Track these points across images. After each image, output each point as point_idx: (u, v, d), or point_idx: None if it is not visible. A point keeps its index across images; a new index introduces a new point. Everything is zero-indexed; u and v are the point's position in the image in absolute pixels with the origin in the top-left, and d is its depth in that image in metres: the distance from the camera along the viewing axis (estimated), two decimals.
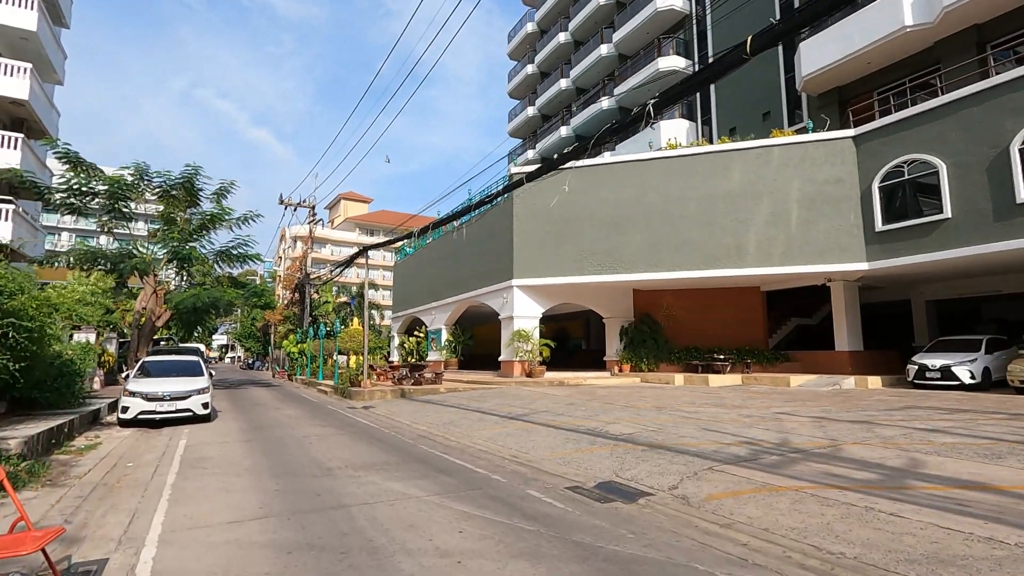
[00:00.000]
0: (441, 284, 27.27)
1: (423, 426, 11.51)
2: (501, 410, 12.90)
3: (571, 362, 27.76)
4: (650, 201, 19.17)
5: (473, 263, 23.92)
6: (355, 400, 17.48)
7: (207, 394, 12.28)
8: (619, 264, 19.37)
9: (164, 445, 9.45)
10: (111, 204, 19.95)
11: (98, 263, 19.48)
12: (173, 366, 13.45)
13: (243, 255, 22.70)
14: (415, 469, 7.29)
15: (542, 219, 20.38)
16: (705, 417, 10.60)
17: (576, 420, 10.77)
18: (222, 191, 22.43)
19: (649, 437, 8.68)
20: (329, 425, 11.88)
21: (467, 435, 10.09)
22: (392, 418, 13.07)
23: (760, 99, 24.04)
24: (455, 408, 13.84)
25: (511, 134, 41.49)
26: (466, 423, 11.40)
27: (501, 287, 21.17)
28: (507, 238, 20.95)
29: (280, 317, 39.61)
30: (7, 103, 24.85)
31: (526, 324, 20.37)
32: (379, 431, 10.97)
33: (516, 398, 15.08)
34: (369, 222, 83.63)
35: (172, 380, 12.39)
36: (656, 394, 15.40)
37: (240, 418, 13.25)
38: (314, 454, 8.38)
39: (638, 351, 21.54)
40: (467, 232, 24.58)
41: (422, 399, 16.55)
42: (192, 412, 11.91)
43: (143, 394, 11.55)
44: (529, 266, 20.37)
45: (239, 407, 16.11)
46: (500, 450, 8.63)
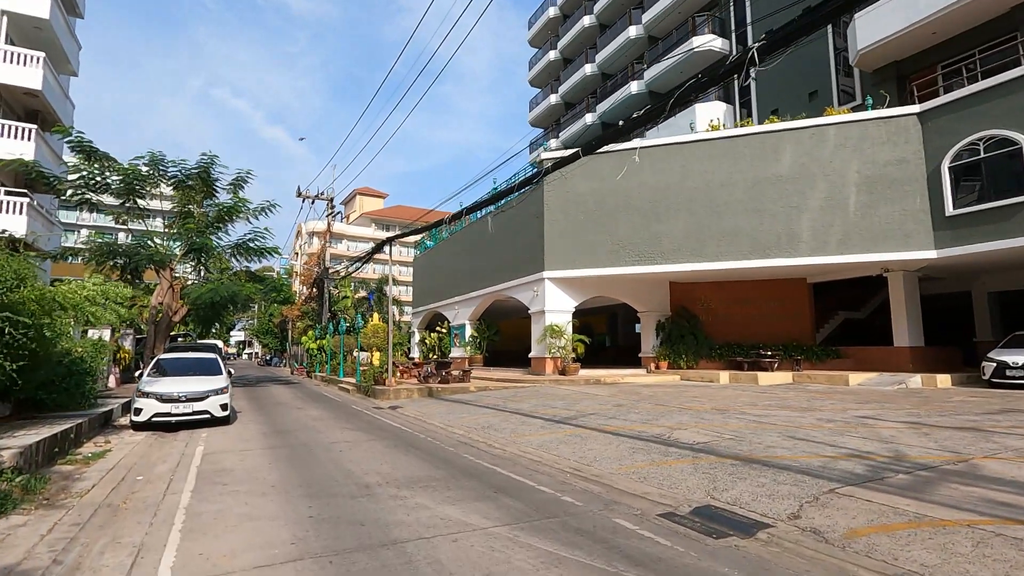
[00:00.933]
0: (464, 278, 26.22)
1: (459, 430, 10.46)
2: (542, 412, 11.80)
3: (598, 359, 26.58)
4: (692, 187, 17.89)
5: (500, 255, 22.83)
6: (380, 399, 16.52)
7: (226, 394, 11.35)
8: (658, 254, 18.14)
9: (179, 453, 8.50)
10: (126, 196, 19.17)
11: (114, 257, 18.70)
12: (189, 364, 12.55)
13: (260, 248, 21.83)
14: (468, 487, 6.21)
15: (575, 207, 19.20)
16: (779, 422, 9.40)
17: (634, 425, 9.63)
18: (239, 182, 21.57)
19: (730, 447, 7.51)
20: (357, 429, 10.87)
21: (512, 441, 9.02)
22: (423, 420, 12.05)
23: (806, 78, 22.55)
24: (491, 409, 12.78)
25: (532, 123, 40.28)
26: (507, 427, 10.32)
27: (531, 280, 20.05)
28: (537, 228, 19.81)
29: (298, 313, 38.91)
30: (20, 94, 24.26)
31: (558, 319, 19.24)
32: (413, 436, 9.93)
33: (555, 398, 13.97)
34: (385, 217, 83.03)
35: (188, 379, 11.48)
36: (706, 394, 14.19)
37: (261, 420, 12.31)
38: (348, 465, 7.35)
39: (676, 347, 20.30)
40: (493, 223, 23.46)
41: (451, 399, 15.52)
42: (210, 414, 10.98)
43: (157, 395, 10.64)
44: (561, 257, 19.21)
45: (259, 407, 15.21)
46: (557, 461, 7.53)
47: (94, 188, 18.57)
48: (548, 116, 38.44)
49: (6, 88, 23.59)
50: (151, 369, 11.94)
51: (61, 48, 26.97)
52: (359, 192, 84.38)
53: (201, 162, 19.80)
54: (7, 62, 23.09)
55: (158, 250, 19.06)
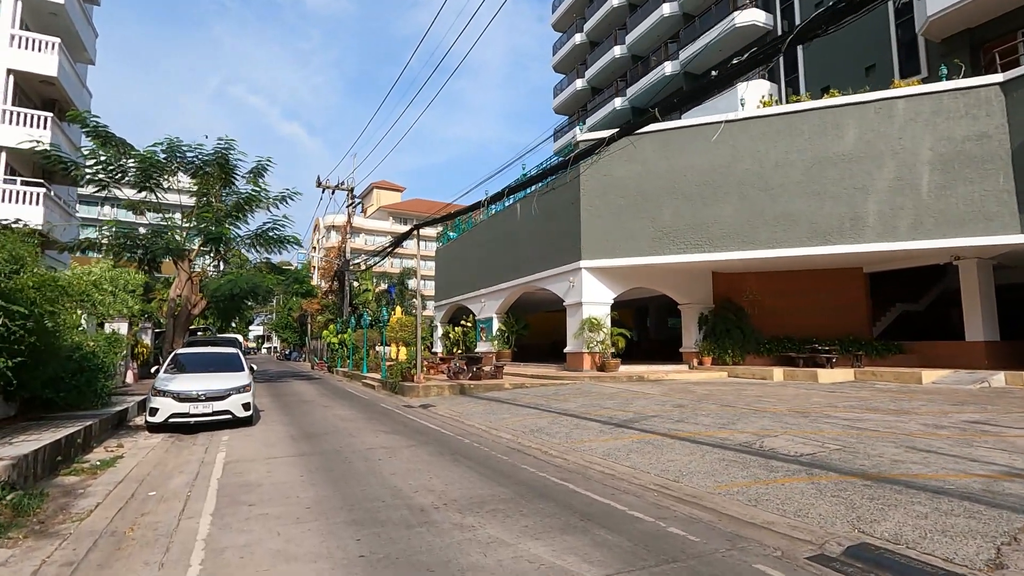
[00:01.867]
0: (491, 269, 25.10)
1: (506, 433, 9.36)
2: (595, 413, 10.65)
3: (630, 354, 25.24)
4: (744, 168, 16.53)
5: (531, 245, 21.65)
6: (409, 397, 15.50)
7: (248, 393, 10.38)
8: (705, 242, 16.82)
9: (198, 460, 7.51)
10: (143, 184, 18.35)
11: (132, 248, 17.91)
12: (209, 359, 11.61)
13: (280, 237, 20.93)
14: (545, 512, 5.09)
15: (615, 192, 17.95)
16: (880, 427, 8.13)
17: (709, 430, 8.44)
18: (258, 169, 20.66)
19: (845, 460, 6.29)
20: (393, 431, 9.82)
21: (572, 449, 7.89)
22: (461, 421, 10.97)
23: (862, 51, 20.94)
24: (534, 409, 11.66)
25: (557, 110, 38.94)
26: (560, 431, 9.19)
27: (566, 270, 18.86)
28: (573, 215, 18.60)
29: (318, 307, 38.18)
30: (37, 82, 23.64)
31: (596, 311, 18.04)
32: (456, 441, 8.84)
33: (602, 397, 12.81)
34: (402, 211, 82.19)
35: (208, 376, 10.53)
36: (768, 393, 12.91)
37: (286, 420, 11.33)
38: (392, 479, 6.27)
39: (721, 341, 18.99)
40: (523, 211, 22.29)
41: (486, 397, 14.44)
42: (231, 414, 10.02)
43: (174, 393, 9.70)
44: (599, 246, 17.99)
45: (283, 405, 14.28)
46: (635, 474, 6.38)
47: (111, 175, 17.76)
48: (574, 102, 37.07)
49: (21, 75, 22.98)
50: (168, 365, 11.01)
51: (77, 35, 26.31)
52: (376, 186, 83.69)
53: (218, 148, 18.90)
54: (22, 48, 22.45)
55: (174, 238, 18.22)
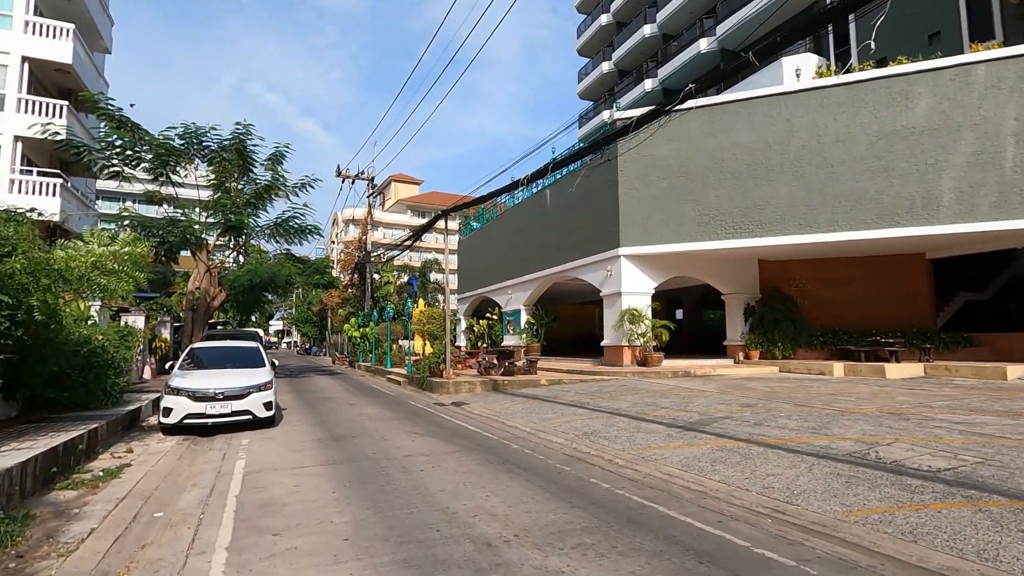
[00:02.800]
0: (519, 259, 23.99)
1: (557, 437, 8.28)
2: (652, 413, 9.51)
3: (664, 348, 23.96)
4: (800, 144, 15.14)
5: (562, 232, 20.48)
6: (438, 394, 14.51)
7: (270, 391, 9.44)
8: (756, 225, 15.49)
9: (214, 469, 6.55)
10: (160, 171, 17.57)
11: (148, 232, 17.15)
12: (228, 354, 10.71)
13: (300, 227, 20.06)
14: (646, 548, 3.99)
15: (656, 173, 16.68)
16: (1009, 433, 6.87)
17: (800, 435, 7.26)
18: (277, 156, 19.77)
19: (1001, 479, 5.09)
20: (429, 434, 8.79)
21: (641, 457, 6.78)
22: (502, 422, 9.92)
23: (926, 17, 19.30)
24: (581, 409, 10.57)
25: (582, 95, 37.58)
26: (619, 434, 8.08)
27: (603, 258, 17.66)
28: (610, 199, 17.38)
29: (338, 300, 37.49)
30: (52, 70, 23.07)
31: (636, 302, 16.83)
32: (503, 446, 7.78)
33: (653, 394, 11.66)
34: (420, 203, 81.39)
35: (226, 373, 9.62)
36: (840, 390, 11.62)
37: (311, 420, 10.39)
38: (442, 498, 5.23)
39: (770, 334, 17.66)
40: (553, 197, 21.13)
41: (523, 394, 13.38)
42: (252, 415, 9.09)
43: (190, 392, 8.79)
44: (639, 232, 16.76)
45: (306, 402, 13.39)
46: (733, 493, 5.25)
47: (126, 160, 17.00)
48: (599, 86, 35.67)
49: (36, 63, 22.39)
50: (183, 360, 10.13)
51: (92, 22, 25.71)
52: (394, 179, 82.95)
53: (236, 132, 18.03)
54: (36, 34, 21.87)
55: (192, 227, 17.41)
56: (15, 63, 21.67)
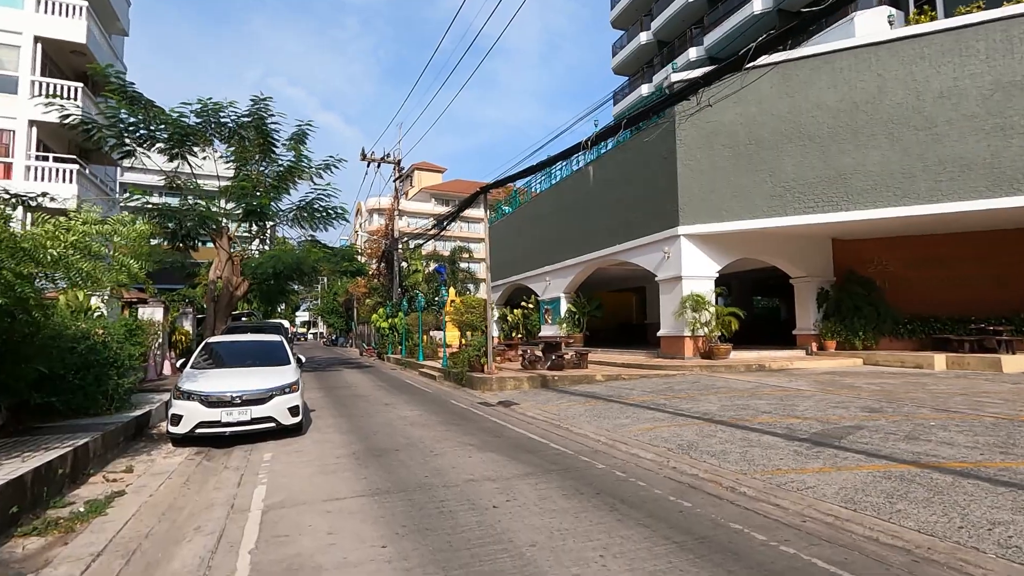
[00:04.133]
0: (558, 243, 22.29)
1: (646, 452, 6.66)
2: (755, 420, 7.82)
3: None
4: (895, 102, 13.08)
5: (608, 212, 18.71)
6: (481, 391, 13.01)
7: (296, 393, 8.01)
8: (841, 197, 13.52)
9: (226, 502, 5.11)
10: (175, 148, 16.32)
11: (163, 216, 15.96)
12: (247, 350, 9.34)
13: (326, 209, 18.67)
14: None
15: (720, 141, 14.78)
16: None
17: (990, 458, 5.50)
18: (299, 135, 18.36)
19: None
20: (488, 447, 7.25)
21: (774, 485, 5.13)
22: (568, 428, 8.33)
23: None
24: (656, 412, 8.93)
25: (616, 71, 35.45)
26: (728, 450, 6.42)
27: (658, 239, 15.86)
28: (666, 172, 15.54)
29: (365, 290, 36.35)
30: (67, 52, 22.03)
31: (699, 287, 15.03)
32: (585, 466, 6.19)
33: (739, 394, 9.95)
34: (444, 191, 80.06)
35: (245, 373, 8.24)
36: (968, 387, 9.72)
37: (344, 426, 8.95)
38: (540, 562, 3.65)
39: (849, 322, 15.69)
40: (597, 173, 19.34)
41: (579, 392, 11.77)
42: (275, 422, 7.67)
43: (202, 396, 7.40)
44: (702, 208, 14.91)
45: (336, 401, 12.01)
46: (960, 555, 3.57)
47: (139, 140, 15.78)
48: (636, 60, 33.48)
49: (50, 43, 21.35)
50: (196, 358, 8.77)
51: (108, 2, 24.64)
52: (417, 167, 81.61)
53: (254, 108, 16.65)
54: (48, 12, 20.80)
55: (210, 208, 16.13)
56: (27, 43, 20.67)
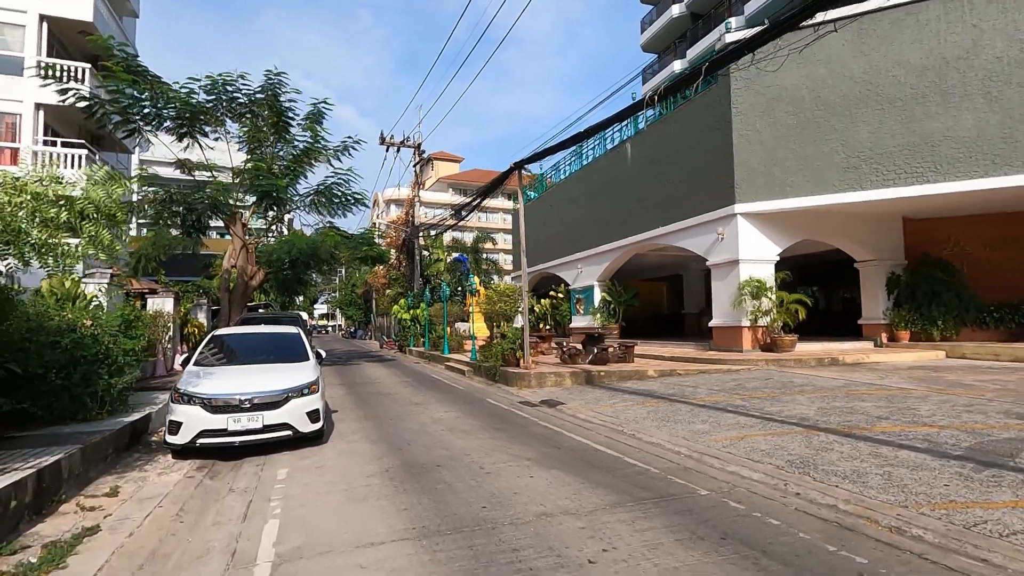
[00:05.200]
0: (590, 229, 20.85)
1: (749, 470, 5.30)
2: (872, 427, 6.39)
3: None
4: (992, 56, 11.39)
5: (648, 192, 17.21)
6: (518, 387, 11.71)
7: (316, 395, 6.77)
8: (928, 167, 11.88)
9: (226, 546, 3.86)
10: (185, 128, 15.20)
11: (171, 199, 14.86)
12: (259, 343, 8.13)
13: (345, 195, 17.45)
14: None
15: (783, 108, 13.20)
16: None
17: None
18: (316, 114, 17.13)
19: None
20: (549, 461, 5.92)
21: (963, 527, 3.72)
22: (635, 436, 6.98)
23: None
24: (741, 416, 7.54)
25: (645, 48, 33.68)
26: (864, 471, 5.03)
27: (710, 219, 14.36)
28: (719, 145, 14.00)
29: (384, 281, 35.27)
30: (75, 33, 21.05)
31: (757, 271, 13.53)
32: (685, 493, 4.84)
33: (833, 394, 8.50)
34: (461, 181, 78.85)
35: (257, 370, 7.01)
36: None
37: (371, 431, 7.70)
38: None
39: (926, 310, 14.06)
40: (635, 151, 17.83)
41: (632, 390, 10.40)
42: (292, 429, 6.43)
43: (204, 399, 6.18)
44: (761, 184, 13.37)
45: (359, 400, 10.80)
46: None
47: (146, 118, 14.66)
48: (666, 35, 31.66)
49: (56, 23, 20.36)
50: (201, 352, 7.55)
51: None
52: (434, 156, 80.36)
53: (268, 84, 15.43)
54: None
55: (219, 191, 14.99)
56: (32, 23, 19.71)
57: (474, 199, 16.50)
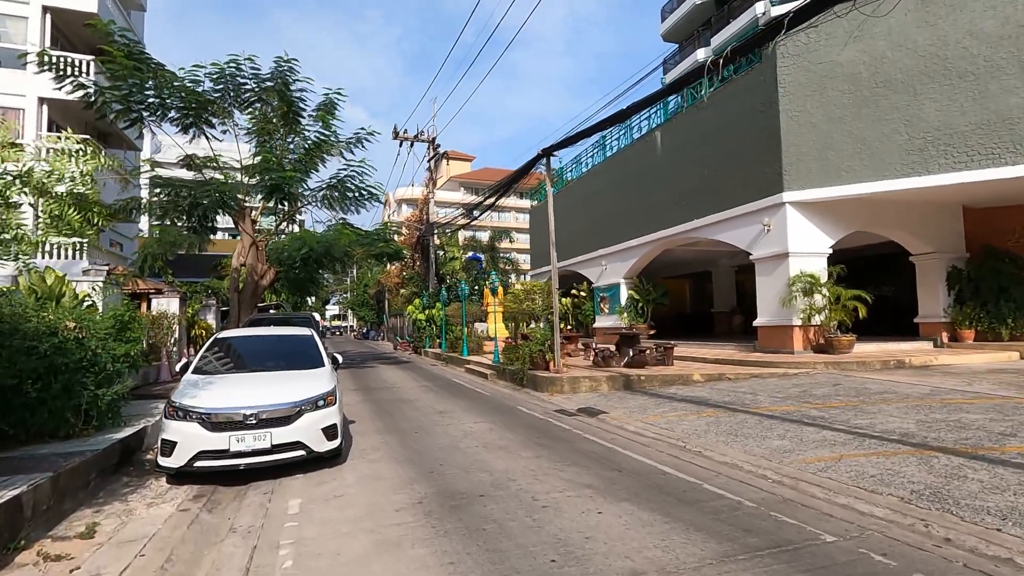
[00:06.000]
0: (616, 223, 19.79)
1: (872, 505, 4.25)
2: (1007, 448, 5.30)
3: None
4: None
5: (681, 183, 16.11)
6: (549, 393, 10.70)
7: (333, 407, 5.81)
8: (1007, 148, 10.70)
9: None
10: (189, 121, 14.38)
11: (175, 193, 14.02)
12: (268, 347, 7.19)
13: (359, 189, 16.52)
14: None
15: (836, 86, 12.06)
16: None
17: None
18: (329, 103, 16.18)
19: None
20: (617, 491, 4.90)
21: None
22: (701, 453, 5.95)
23: None
24: (819, 428, 6.49)
25: (666, 37, 32.50)
26: (1022, 508, 3.94)
27: (754, 209, 13.24)
28: (764, 128, 12.89)
29: (397, 280, 34.45)
30: (80, 25, 20.37)
31: (809, 265, 12.40)
32: (801, 535, 3.80)
33: (924, 403, 7.40)
34: (473, 180, 77.96)
35: (264, 380, 6.08)
36: None
37: (397, 450, 6.73)
38: None
39: (994, 307, 12.84)
40: (666, 139, 16.76)
41: (679, 396, 9.35)
42: (305, 449, 5.48)
43: (204, 414, 5.24)
44: (813, 169, 12.24)
45: (379, 408, 9.84)
46: None
47: (148, 107, 13.84)
48: (689, 23, 30.45)
49: (59, 14, 19.69)
50: (202, 358, 6.61)
51: None
52: (446, 156, 79.61)
53: (277, 70, 14.55)
54: None
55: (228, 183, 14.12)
56: (35, 14, 19.04)
57: (495, 191, 15.49)
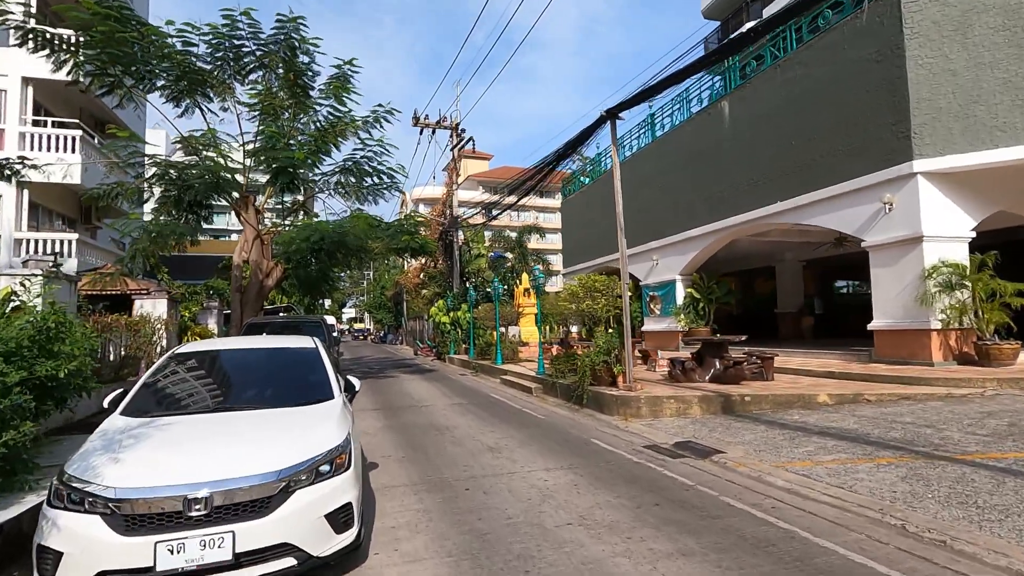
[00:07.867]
0: (667, 213, 17.27)
1: None
2: None
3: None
4: None
5: (757, 160, 13.55)
6: (622, 417, 8.28)
7: (346, 474, 3.41)
8: None
9: None
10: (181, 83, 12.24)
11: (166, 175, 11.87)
12: (248, 369, 4.83)
13: (378, 171, 14.24)
14: None
15: (985, 22, 9.46)
16: None
17: None
18: (342, 77, 13.92)
19: None
20: None
21: None
22: (924, 536, 3.45)
23: None
24: None
25: (707, 14, 29.96)
26: None
27: (868, 184, 10.64)
28: (883, 80, 10.29)
29: (417, 280, 32.24)
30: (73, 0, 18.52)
31: (948, 252, 9.78)
32: None
33: None
34: (491, 179, 76.02)
35: (229, 430, 3.68)
36: None
37: (448, 529, 4.30)
38: None
39: None
40: (735, 109, 14.21)
41: (818, 428, 6.83)
42: (297, 555, 3.05)
43: (112, 501, 2.87)
44: (953, 129, 9.62)
45: (408, 443, 7.46)
46: None
47: (129, 72, 11.70)
48: None
49: None
50: (143, 388, 4.27)
51: None
52: (463, 155, 77.71)
53: (281, 30, 12.35)
54: None
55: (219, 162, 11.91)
56: None
57: (542, 168, 13.03)
